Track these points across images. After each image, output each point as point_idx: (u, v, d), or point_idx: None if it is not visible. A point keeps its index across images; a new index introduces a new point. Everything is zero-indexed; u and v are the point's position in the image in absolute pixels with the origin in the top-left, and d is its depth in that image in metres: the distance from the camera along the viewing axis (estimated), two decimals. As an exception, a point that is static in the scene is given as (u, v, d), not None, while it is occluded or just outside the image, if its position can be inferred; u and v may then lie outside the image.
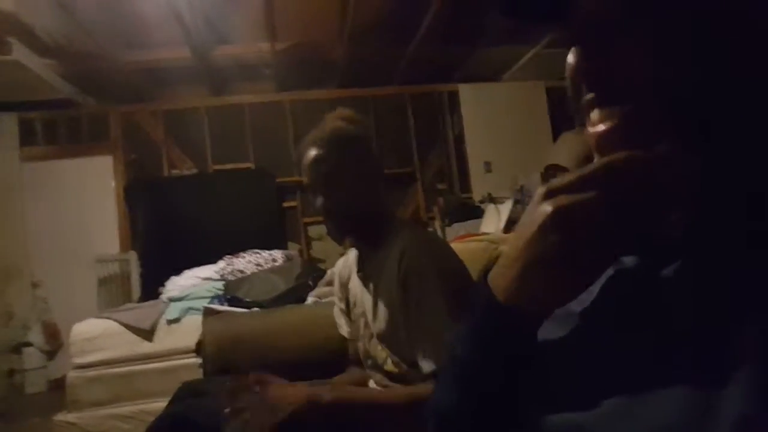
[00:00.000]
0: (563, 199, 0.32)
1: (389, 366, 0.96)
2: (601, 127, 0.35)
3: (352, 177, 0.95)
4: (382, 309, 0.94)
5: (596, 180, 0.31)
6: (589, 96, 0.35)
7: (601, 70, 0.34)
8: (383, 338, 0.95)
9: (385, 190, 1.01)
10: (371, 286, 0.99)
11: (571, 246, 0.32)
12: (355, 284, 1.07)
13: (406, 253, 0.88)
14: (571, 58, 0.36)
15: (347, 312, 1.13)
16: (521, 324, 0.36)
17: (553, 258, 0.32)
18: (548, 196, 0.33)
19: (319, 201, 0.98)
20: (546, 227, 0.32)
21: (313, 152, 0.98)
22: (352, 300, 1.09)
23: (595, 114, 0.36)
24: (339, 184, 0.95)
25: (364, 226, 0.99)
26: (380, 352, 0.97)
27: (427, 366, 0.83)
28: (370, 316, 1.00)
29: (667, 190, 0.31)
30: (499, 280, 0.36)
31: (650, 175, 0.31)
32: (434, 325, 0.83)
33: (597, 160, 0.33)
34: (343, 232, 1.00)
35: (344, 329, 1.17)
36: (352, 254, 1.10)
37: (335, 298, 1.20)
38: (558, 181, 0.33)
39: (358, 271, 1.04)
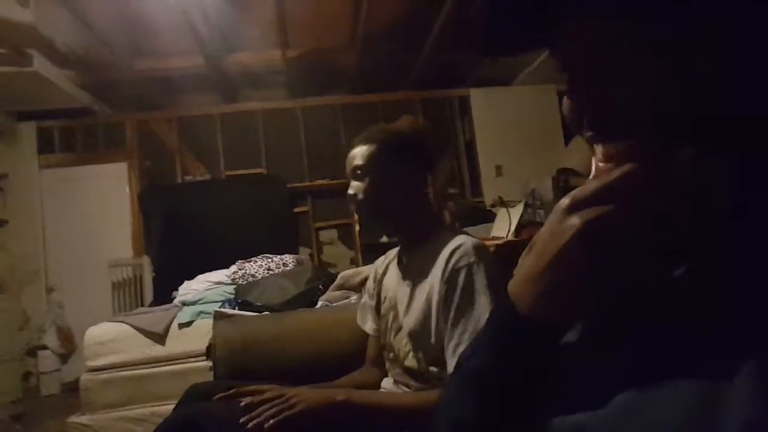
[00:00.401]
0: (591, 213, 0.31)
1: (410, 361, 0.96)
2: (609, 165, 0.34)
3: (387, 172, 0.98)
4: (417, 305, 0.95)
5: (620, 189, 0.31)
6: (590, 134, 0.35)
7: (598, 112, 0.34)
8: (411, 334, 0.96)
9: (426, 197, 1.04)
10: (409, 279, 1.00)
11: (602, 260, 0.31)
12: (391, 277, 1.08)
13: (455, 253, 0.89)
14: (567, 100, 0.36)
15: (377, 308, 1.14)
16: (544, 338, 0.36)
17: (584, 273, 0.32)
18: (573, 209, 0.32)
19: (349, 189, 1.03)
20: (575, 242, 0.31)
21: (357, 145, 1.03)
22: (383, 295, 1.10)
23: (599, 149, 0.36)
24: (371, 174, 0.99)
25: (398, 224, 1.02)
26: (404, 346, 0.98)
27: (453, 364, 0.83)
28: (402, 308, 1.00)
29: (690, 196, 0.30)
30: (522, 294, 0.36)
31: (674, 182, 0.30)
32: (472, 325, 0.83)
33: (616, 168, 0.32)
34: (367, 219, 1.04)
35: (369, 325, 1.17)
36: (393, 252, 1.12)
37: (366, 295, 1.20)
38: (580, 192, 0.32)
39: (399, 263, 1.05)
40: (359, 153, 1.01)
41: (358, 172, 1.00)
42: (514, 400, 0.37)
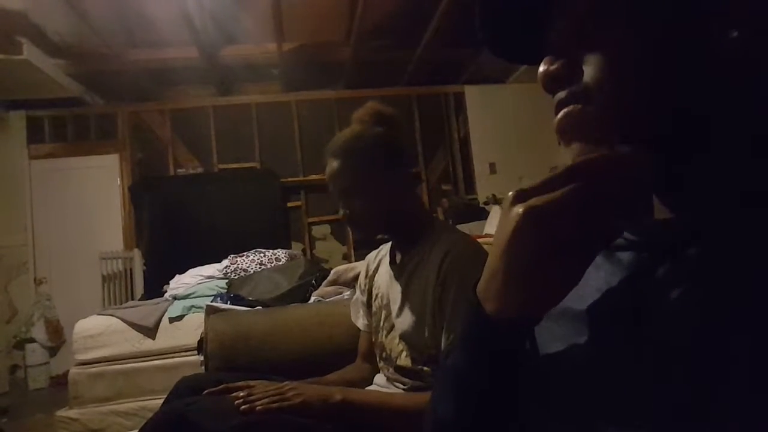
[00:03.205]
0: (534, 200, 0.32)
1: (403, 360, 0.95)
2: (561, 114, 0.37)
3: (371, 185, 0.94)
4: (410, 306, 0.93)
5: (564, 179, 0.32)
6: (559, 95, 0.37)
7: (566, 78, 0.37)
8: (404, 335, 0.94)
9: (414, 194, 1.00)
10: (402, 280, 0.98)
11: (547, 244, 0.31)
12: (384, 274, 1.06)
13: (448, 255, 0.87)
14: (542, 67, 0.38)
15: (368, 304, 1.12)
16: (510, 334, 0.36)
17: (532, 259, 0.32)
18: (518, 199, 0.33)
19: (342, 212, 0.99)
20: (520, 229, 0.32)
21: (331, 165, 0.97)
22: (375, 292, 1.09)
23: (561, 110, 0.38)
24: (358, 195, 0.95)
25: (391, 226, 0.99)
26: (397, 346, 0.97)
27: None
28: (394, 308, 0.98)
29: (630, 185, 0.31)
30: (486, 292, 0.36)
31: (615, 172, 0.31)
32: None
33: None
34: (370, 236, 1.01)
35: (361, 321, 1.16)
36: (385, 247, 1.10)
37: (357, 290, 1.19)
38: (527, 184, 0.34)
39: (391, 263, 1.03)
40: (330, 173, 0.97)
41: (346, 193, 0.96)
42: (488, 401, 0.37)
